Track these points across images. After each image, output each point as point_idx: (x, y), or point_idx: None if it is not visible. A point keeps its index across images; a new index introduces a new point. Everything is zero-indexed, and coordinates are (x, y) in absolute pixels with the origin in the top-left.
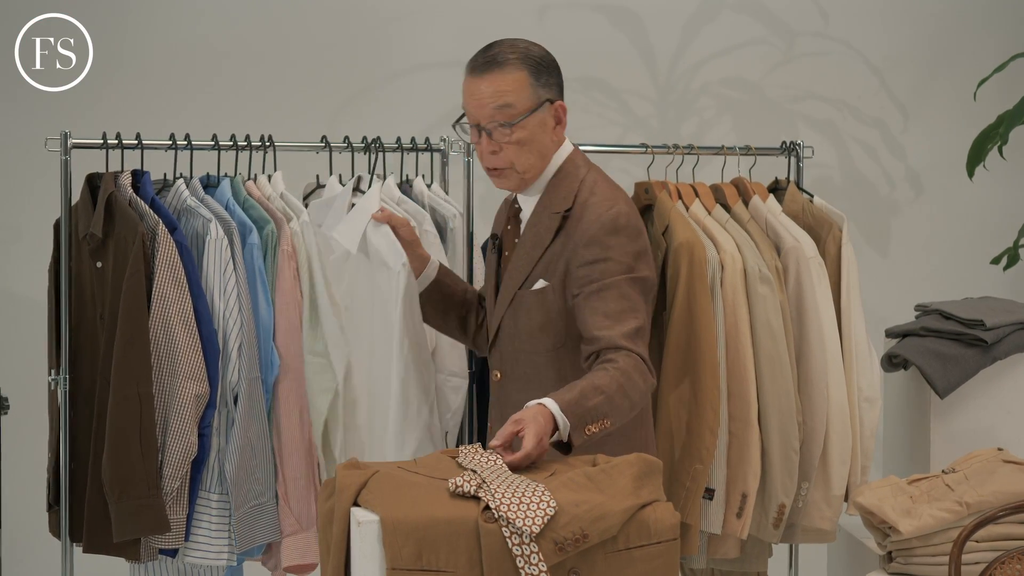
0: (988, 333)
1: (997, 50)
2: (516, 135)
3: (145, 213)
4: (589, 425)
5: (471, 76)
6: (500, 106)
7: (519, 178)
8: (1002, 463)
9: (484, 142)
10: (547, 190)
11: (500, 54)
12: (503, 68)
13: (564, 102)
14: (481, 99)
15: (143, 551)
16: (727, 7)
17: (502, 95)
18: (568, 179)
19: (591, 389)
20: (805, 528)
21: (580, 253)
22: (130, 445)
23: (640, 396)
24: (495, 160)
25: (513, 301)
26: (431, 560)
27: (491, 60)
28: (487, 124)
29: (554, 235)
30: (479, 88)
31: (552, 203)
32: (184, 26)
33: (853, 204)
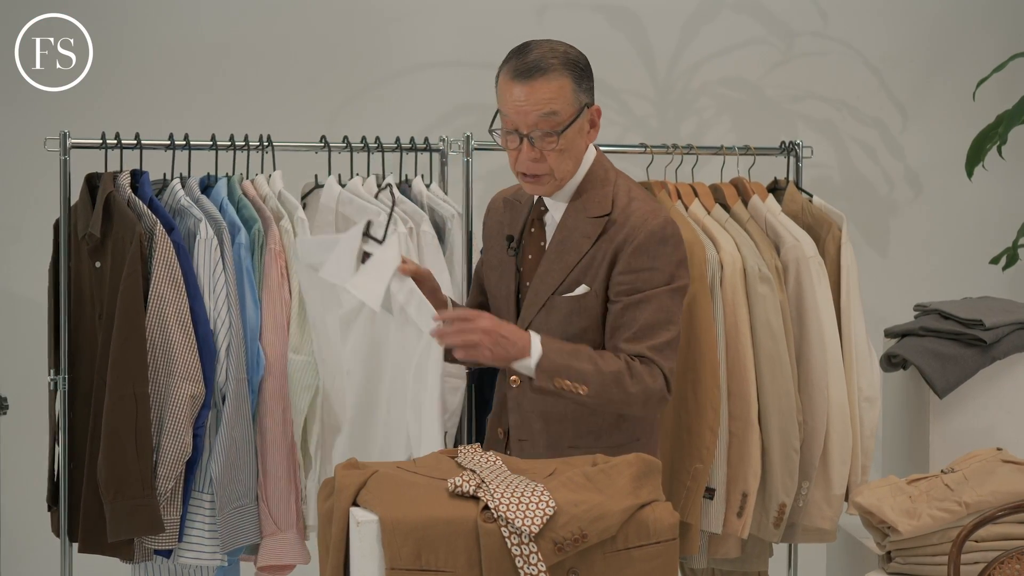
0: (987, 333)
1: (996, 50)
2: (560, 143)
3: (143, 213)
4: (562, 378)
5: (513, 81)
6: (546, 114)
7: (555, 184)
8: (1001, 463)
9: (525, 149)
10: (579, 194)
11: (543, 59)
12: (547, 75)
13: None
14: (525, 107)
15: (137, 551)
16: (726, 7)
17: (548, 103)
18: (601, 183)
19: (588, 355)
20: (805, 528)
21: (626, 260)
22: (125, 445)
23: (641, 395)
24: (536, 167)
25: (545, 305)
26: (430, 560)
27: (534, 66)
28: (530, 131)
29: (595, 240)
30: (522, 95)
31: (587, 207)
32: (184, 26)
33: (852, 204)
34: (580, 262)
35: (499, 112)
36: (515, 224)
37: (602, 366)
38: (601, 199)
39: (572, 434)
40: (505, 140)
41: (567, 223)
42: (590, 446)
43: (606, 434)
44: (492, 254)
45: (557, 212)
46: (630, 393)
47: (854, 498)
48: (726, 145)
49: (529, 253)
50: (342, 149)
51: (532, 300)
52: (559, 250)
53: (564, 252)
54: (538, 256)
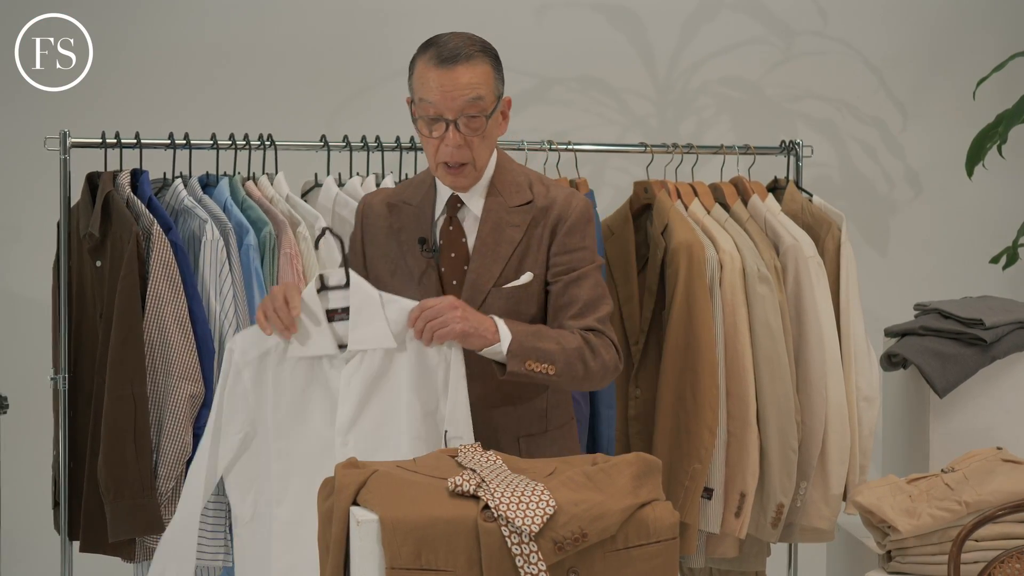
0: (987, 332)
1: (996, 49)
2: (484, 129)
3: (141, 213)
4: (532, 360)
5: (438, 67)
6: (472, 99)
7: (474, 175)
8: (1001, 462)
9: (451, 136)
10: (494, 185)
11: (464, 47)
12: (471, 60)
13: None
14: (453, 92)
15: (139, 551)
16: (726, 6)
17: (474, 88)
18: (510, 172)
19: (549, 334)
20: (804, 527)
21: (561, 240)
22: (124, 445)
23: (600, 369)
24: (459, 155)
25: (487, 299)
26: (430, 559)
27: (458, 53)
28: (456, 117)
29: (525, 228)
30: (449, 80)
31: (507, 198)
32: (184, 26)
33: (852, 203)
34: (515, 251)
35: (415, 103)
36: (417, 226)
37: (565, 344)
38: (518, 188)
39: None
40: (429, 129)
41: (491, 216)
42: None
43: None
44: (389, 260)
45: (475, 206)
46: (591, 367)
47: (854, 497)
48: (726, 144)
49: (451, 251)
50: (342, 148)
51: (470, 295)
52: (491, 242)
53: (497, 244)
54: (462, 253)
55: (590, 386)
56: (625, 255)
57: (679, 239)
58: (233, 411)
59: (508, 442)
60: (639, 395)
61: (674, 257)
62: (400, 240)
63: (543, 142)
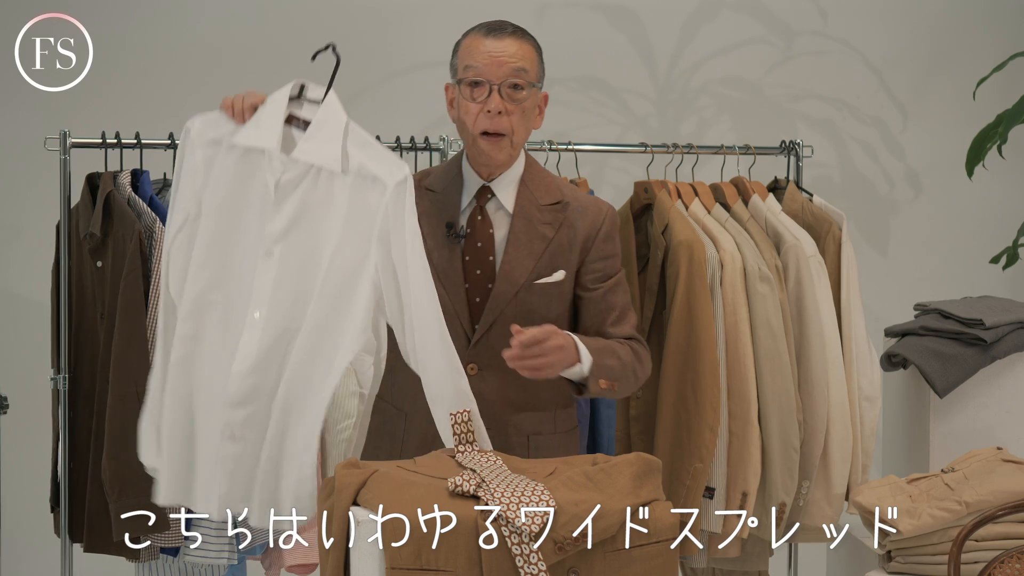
0: (987, 332)
1: (996, 49)
2: (525, 102)
3: (143, 212)
4: (604, 379)
5: (487, 36)
6: (519, 68)
7: (509, 152)
8: (1001, 462)
9: (494, 100)
10: (525, 181)
11: (514, 26)
12: (520, 36)
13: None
14: (501, 57)
15: (143, 550)
16: (726, 6)
17: (520, 59)
18: (540, 172)
19: (610, 350)
20: (805, 527)
21: (598, 247)
22: (128, 444)
23: (643, 378)
24: (499, 123)
25: (519, 293)
26: (430, 559)
27: (507, 26)
28: (500, 82)
29: (557, 227)
30: (497, 47)
31: (537, 195)
32: (184, 26)
33: (852, 203)
34: (548, 248)
35: (459, 77)
36: (442, 212)
37: (623, 359)
38: (547, 187)
39: (534, 421)
40: (471, 94)
41: (523, 211)
42: (550, 432)
43: (560, 421)
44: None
45: (505, 198)
46: (639, 378)
47: (854, 497)
48: (726, 144)
49: (478, 240)
50: None
51: (504, 287)
52: (524, 237)
53: (530, 239)
54: (488, 243)
55: (629, 392)
56: (626, 255)
57: (680, 239)
58: (182, 189)
59: (518, 438)
60: (640, 395)
61: (675, 257)
62: (421, 224)
63: (543, 142)
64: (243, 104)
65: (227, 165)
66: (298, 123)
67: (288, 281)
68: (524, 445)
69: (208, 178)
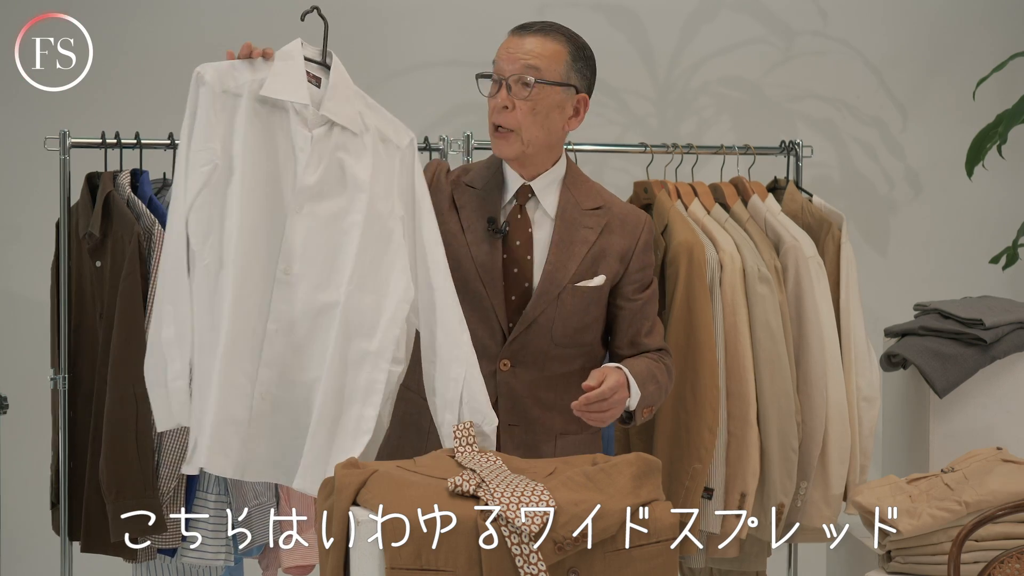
0: (987, 332)
1: (996, 49)
2: (532, 98)
3: (142, 213)
4: (646, 408)
5: (512, 35)
6: (529, 65)
7: (521, 148)
8: (1001, 462)
9: (501, 95)
10: (567, 184)
11: (549, 25)
12: (545, 35)
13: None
14: (514, 54)
15: (140, 551)
16: (726, 6)
17: (535, 57)
18: (581, 176)
19: (650, 375)
20: (804, 527)
21: (639, 257)
22: (126, 445)
23: (669, 391)
24: (504, 117)
25: (560, 295)
26: (430, 559)
27: (535, 25)
28: (509, 77)
29: (599, 232)
30: (515, 44)
31: (580, 200)
32: (184, 26)
33: (852, 203)
34: (589, 253)
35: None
36: (482, 207)
37: (660, 381)
38: (589, 191)
39: (562, 420)
40: (486, 89)
41: (566, 213)
42: (576, 431)
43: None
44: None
45: (547, 200)
46: (667, 393)
47: (854, 497)
48: (726, 144)
49: (517, 239)
50: None
51: (546, 287)
52: (566, 239)
53: (572, 243)
54: (527, 242)
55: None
56: None
57: (679, 239)
58: (203, 139)
59: (547, 441)
60: None
61: (674, 257)
62: (460, 217)
63: None
64: (253, 50)
65: (254, 116)
66: (313, 79)
67: (319, 237)
68: (552, 444)
69: (231, 128)
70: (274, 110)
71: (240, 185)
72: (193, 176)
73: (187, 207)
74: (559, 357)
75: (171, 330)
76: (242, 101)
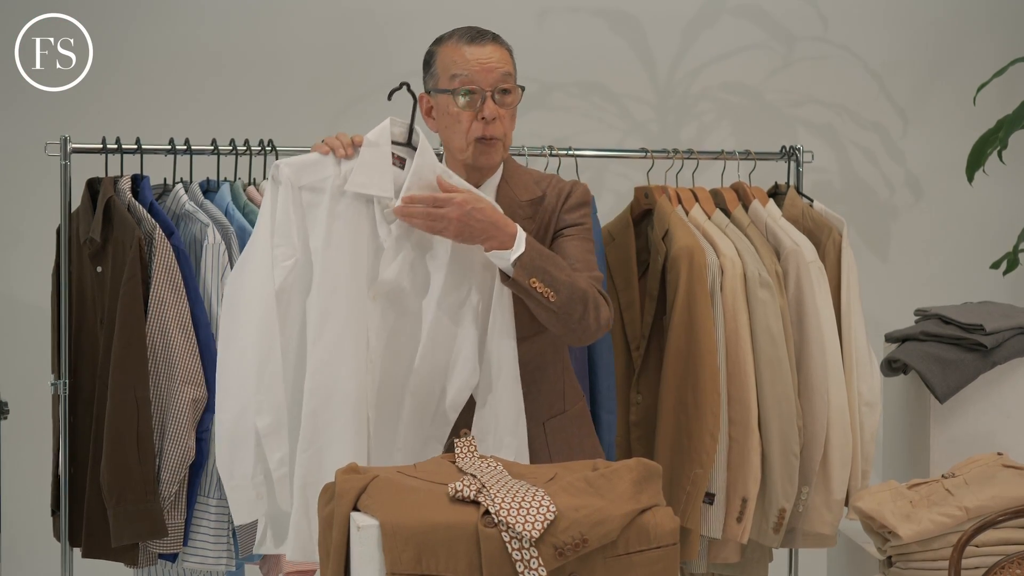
0: (988, 338)
1: (997, 54)
2: (510, 105)
3: (142, 218)
4: (538, 280)
5: (470, 44)
6: (506, 73)
7: (502, 154)
8: (1002, 468)
9: (489, 107)
10: (505, 180)
11: (490, 32)
12: (498, 42)
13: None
14: (489, 64)
15: (141, 556)
16: (727, 12)
17: (506, 64)
18: (518, 170)
19: (563, 266)
20: (805, 532)
21: (564, 217)
22: (127, 450)
23: (594, 322)
24: (493, 128)
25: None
26: (431, 565)
27: (485, 33)
28: (492, 88)
29: (536, 217)
30: (483, 54)
31: (517, 192)
32: (184, 28)
33: (853, 208)
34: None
35: (440, 86)
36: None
37: (574, 281)
38: (526, 183)
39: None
40: (464, 102)
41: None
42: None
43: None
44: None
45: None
46: (588, 316)
47: (855, 503)
48: (726, 150)
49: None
50: None
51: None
52: None
53: None
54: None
55: (577, 336)
56: (626, 260)
57: (680, 244)
58: (286, 233)
59: (534, 428)
60: (640, 400)
61: (675, 262)
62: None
63: (544, 147)
64: (344, 143)
65: (337, 212)
66: (398, 162)
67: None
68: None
69: (312, 222)
70: (358, 200)
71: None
72: (277, 271)
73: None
74: (526, 346)
75: (268, 419)
76: (323, 197)
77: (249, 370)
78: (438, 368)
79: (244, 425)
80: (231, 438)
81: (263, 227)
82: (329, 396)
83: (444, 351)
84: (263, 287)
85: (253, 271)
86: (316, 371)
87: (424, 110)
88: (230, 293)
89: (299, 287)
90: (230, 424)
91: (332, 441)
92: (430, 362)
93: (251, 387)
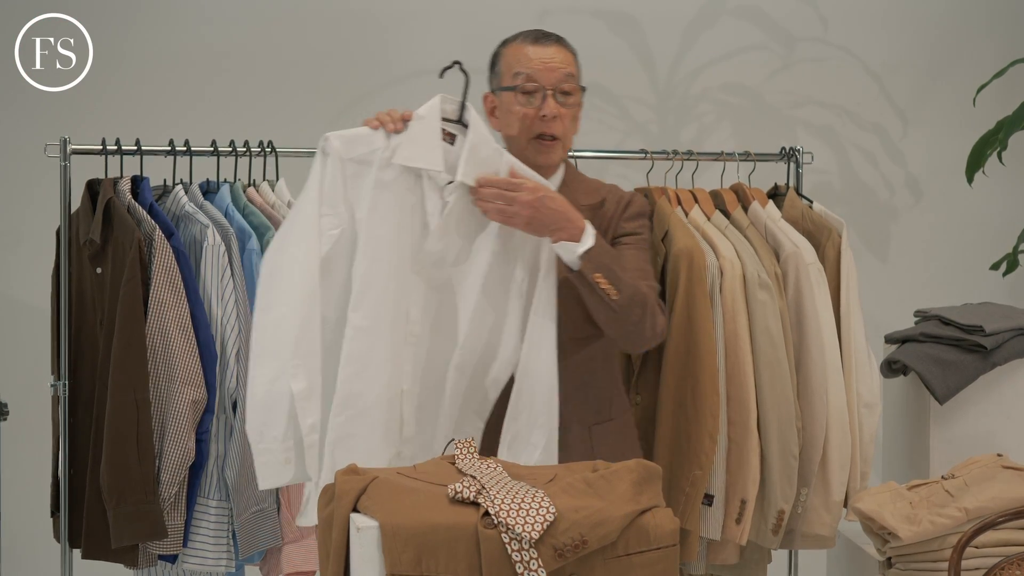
0: (987, 339)
1: (996, 56)
2: (572, 105)
3: (142, 219)
4: (601, 274)
5: (536, 44)
6: (568, 74)
7: (561, 155)
8: (1001, 469)
9: (550, 104)
10: (567, 182)
11: (554, 34)
12: (563, 44)
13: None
14: (552, 63)
15: (141, 557)
16: (726, 13)
17: (569, 65)
18: (579, 175)
19: (627, 267)
20: (804, 534)
21: (623, 226)
22: (127, 451)
23: (650, 328)
24: (553, 126)
25: (561, 288)
26: (430, 566)
27: (551, 35)
28: (554, 87)
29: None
30: (547, 53)
31: (578, 197)
32: (184, 29)
33: (852, 210)
34: None
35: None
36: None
37: (637, 283)
38: (587, 189)
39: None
40: (526, 100)
41: None
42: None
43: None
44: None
45: None
46: (646, 320)
47: (854, 504)
48: (726, 151)
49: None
50: None
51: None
52: None
53: None
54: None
55: (632, 341)
56: None
57: (679, 245)
58: (333, 203)
59: (580, 431)
60: (640, 401)
61: (674, 263)
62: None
63: None
64: (395, 117)
65: (385, 183)
66: (448, 138)
67: (439, 300)
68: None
69: (358, 194)
70: (406, 173)
71: (364, 250)
72: (324, 239)
73: (317, 268)
74: (575, 348)
75: (303, 384)
76: (371, 169)
77: (288, 335)
78: (483, 344)
79: (279, 388)
80: (264, 401)
81: (309, 198)
82: (365, 364)
83: (489, 328)
84: (307, 255)
85: (298, 240)
86: (353, 338)
87: (488, 110)
88: (270, 260)
89: (344, 257)
90: (264, 388)
91: (366, 409)
92: (475, 339)
93: (289, 352)
